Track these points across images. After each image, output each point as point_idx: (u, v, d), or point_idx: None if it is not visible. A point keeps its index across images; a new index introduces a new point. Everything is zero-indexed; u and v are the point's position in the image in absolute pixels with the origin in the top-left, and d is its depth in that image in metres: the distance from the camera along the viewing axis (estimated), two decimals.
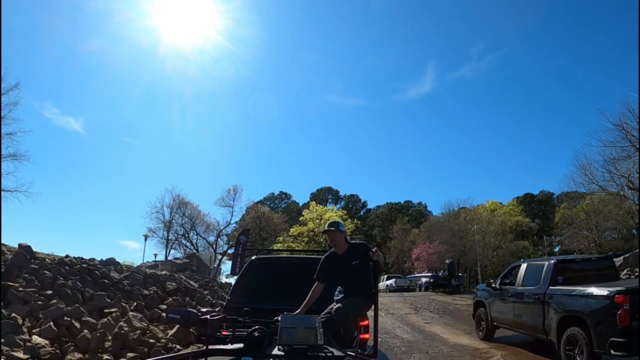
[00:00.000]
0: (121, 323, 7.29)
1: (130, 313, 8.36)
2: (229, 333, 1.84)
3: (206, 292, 12.58)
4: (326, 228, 3.61)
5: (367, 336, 3.62)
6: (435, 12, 70.86)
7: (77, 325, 7.43)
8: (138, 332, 7.31)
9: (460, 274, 32.04)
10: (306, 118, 79.75)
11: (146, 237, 34.49)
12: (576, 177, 28.55)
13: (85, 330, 7.22)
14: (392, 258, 51.21)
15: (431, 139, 76.41)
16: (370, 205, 69.58)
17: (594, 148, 24.58)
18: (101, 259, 11.29)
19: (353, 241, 3.65)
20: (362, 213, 67.98)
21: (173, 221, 41.45)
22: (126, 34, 58.40)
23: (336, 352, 1.61)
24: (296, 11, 70.90)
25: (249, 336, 1.74)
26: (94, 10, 51.19)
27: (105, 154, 64.14)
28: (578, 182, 28.95)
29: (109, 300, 8.60)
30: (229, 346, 1.74)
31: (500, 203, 55.91)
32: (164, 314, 8.98)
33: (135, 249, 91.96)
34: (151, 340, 7.22)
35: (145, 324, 7.93)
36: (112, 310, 8.20)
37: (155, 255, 35.61)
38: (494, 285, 8.11)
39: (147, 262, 20.03)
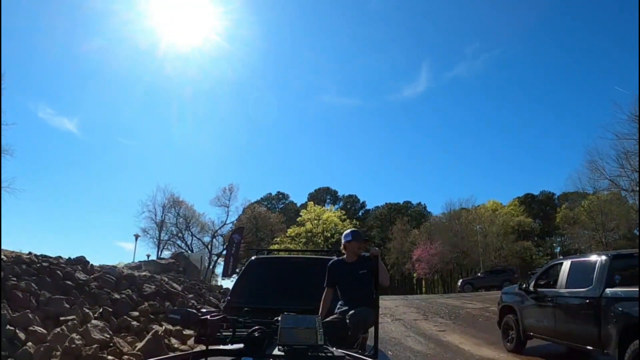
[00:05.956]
0: (73, 335, 5.92)
1: (93, 321, 7.00)
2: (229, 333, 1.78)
3: (190, 295, 11.19)
4: (355, 236, 3.59)
5: (366, 336, 3.56)
6: (429, 11, 69.70)
7: (22, 336, 6.06)
8: (95, 345, 5.94)
9: None
10: (304, 118, 78.43)
11: (137, 237, 33.06)
12: (583, 176, 27.59)
13: (29, 343, 5.87)
14: (392, 259, 49.87)
15: (429, 139, 75.14)
16: (369, 206, 68.32)
17: (607, 141, 23.56)
18: (69, 258, 9.88)
19: (363, 254, 3.65)
20: (360, 214, 66.68)
21: (166, 220, 40.12)
22: (125, 34, 57.67)
23: (336, 352, 1.55)
24: (294, 12, 69.86)
25: (249, 336, 1.67)
26: (92, 11, 50.17)
27: (102, 155, 62.73)
28: (584, 181, 28.02)
29: (67, 306, 7.23)
30: (229, 346, 1.67)
31: (501, 203, 54.81)
32: (134, 323, 7.62)
33: (131, 251, 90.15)
34: (109, 358, 5.84)
35: (108, 336, 6.55)
36: (69, 317, 6.83)
37: (148, 256, 34.11)
38: (527, 288, 6.80)
39: (130, 262, 18.64)
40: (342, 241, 3.66)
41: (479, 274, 32.56)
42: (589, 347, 5.50)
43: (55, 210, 59.40)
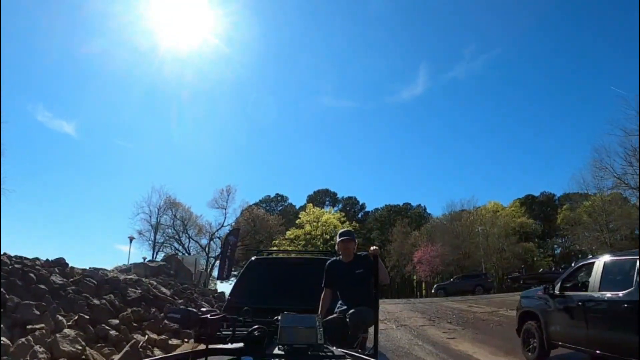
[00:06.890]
0: (37, 347, 5.18)
1: (65, 330, 6.26)
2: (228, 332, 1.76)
3: (180, 300, 10.43)
4: (343, 237, 3.59)
5: (366, 336, 3.52)
6: (426, 13, 68.97)
7: None
8: (62, 359, 5.20)
9: None
10: (303, 120, 77.65)
11: (131, 239, 32.21)
12: (587, 175, 26.99)
13: None
14: (392, 261, 49.08)
15: (428, 140, 74.32)
16: (369, 208, 67.45)
17: (615, 138, 22.94)
18: (46, 259, 9.12)
19: (359, 253, 3.64)
20: (360, 215, 65.86)
21: (162, 222, 39.29)
22: (124, 36, 57.08)
23: (336, 352, 1.55)
24: (292, 14, 69.19)
25: (249, 335, 1.67)
26: (91, 13, 49.59)
27: (100, 157, 61.64)
28: (589, 180, 27.42)
29: (37, 313, 6.47)
30: (229, 345, 1.65)
31: (502, 204, 54.17)
32: (113, 332, 6.87)
33: (130, 253, 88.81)
34: None
35: (81, 347, 5.81)
36: (38, 326, 6.08)
37: (144, 258, 33.27)
38: (552, 291, 6.07)
39: (120, 265, 17.86)
40: (337, 240, 3.67)
41: (452, 279, 31.73)
42: (628, 358, 4.82)
43: (55, 212, 58.38)
